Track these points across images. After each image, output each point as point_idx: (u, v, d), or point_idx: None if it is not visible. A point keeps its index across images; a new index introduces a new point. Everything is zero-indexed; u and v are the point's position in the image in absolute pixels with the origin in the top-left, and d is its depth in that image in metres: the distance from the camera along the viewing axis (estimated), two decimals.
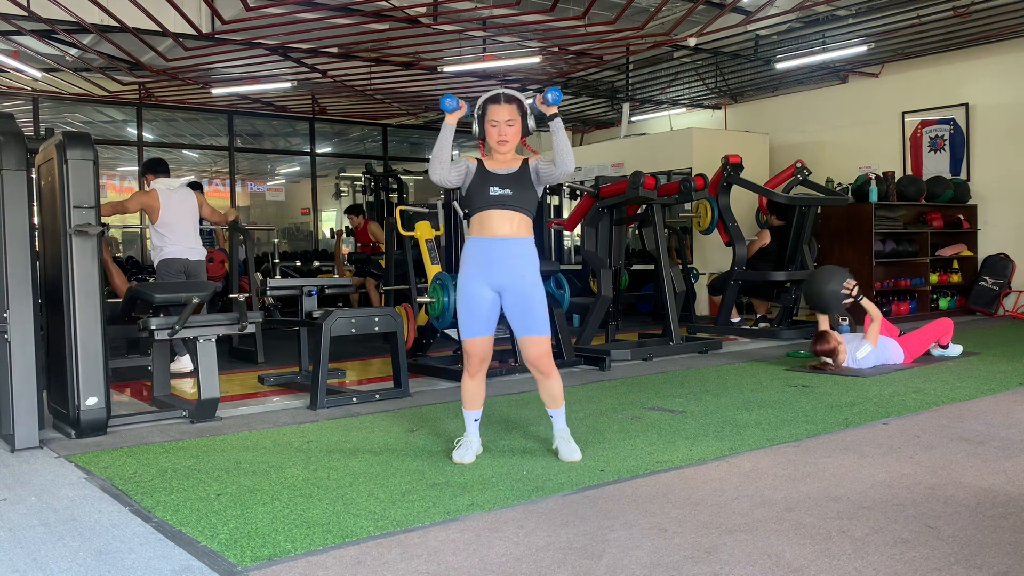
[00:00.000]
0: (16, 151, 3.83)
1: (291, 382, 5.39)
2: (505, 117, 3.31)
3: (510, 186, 3.31)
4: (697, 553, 2.30)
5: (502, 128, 3.32)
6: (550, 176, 3.33)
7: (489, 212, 3.31)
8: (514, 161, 3.39)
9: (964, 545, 2.32)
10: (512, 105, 3.32)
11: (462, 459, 3.32)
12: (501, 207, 3.30)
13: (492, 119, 3.32)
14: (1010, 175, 9.20)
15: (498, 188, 3.30)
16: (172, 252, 6.03)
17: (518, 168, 3.36)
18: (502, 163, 3.38)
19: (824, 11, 8.27)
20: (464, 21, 7.96)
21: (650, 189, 6.23)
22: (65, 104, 11.10)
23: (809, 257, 7.57)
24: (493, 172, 3.34)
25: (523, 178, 3.34)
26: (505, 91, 3.36)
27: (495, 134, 3.33)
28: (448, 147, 3.31)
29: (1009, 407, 4.24)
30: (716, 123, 12.03)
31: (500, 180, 3.32)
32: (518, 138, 3.37)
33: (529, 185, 3.35)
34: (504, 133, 3.32)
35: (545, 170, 3.34)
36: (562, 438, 3.40)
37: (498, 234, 3.30)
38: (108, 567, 2.30)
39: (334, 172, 13.68)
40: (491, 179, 3.32)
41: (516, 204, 3.31)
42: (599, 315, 6.43)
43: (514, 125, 3.32)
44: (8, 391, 3.77)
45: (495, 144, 3.35)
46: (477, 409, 3.42)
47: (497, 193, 3.30)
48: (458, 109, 3.32)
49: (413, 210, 6.58)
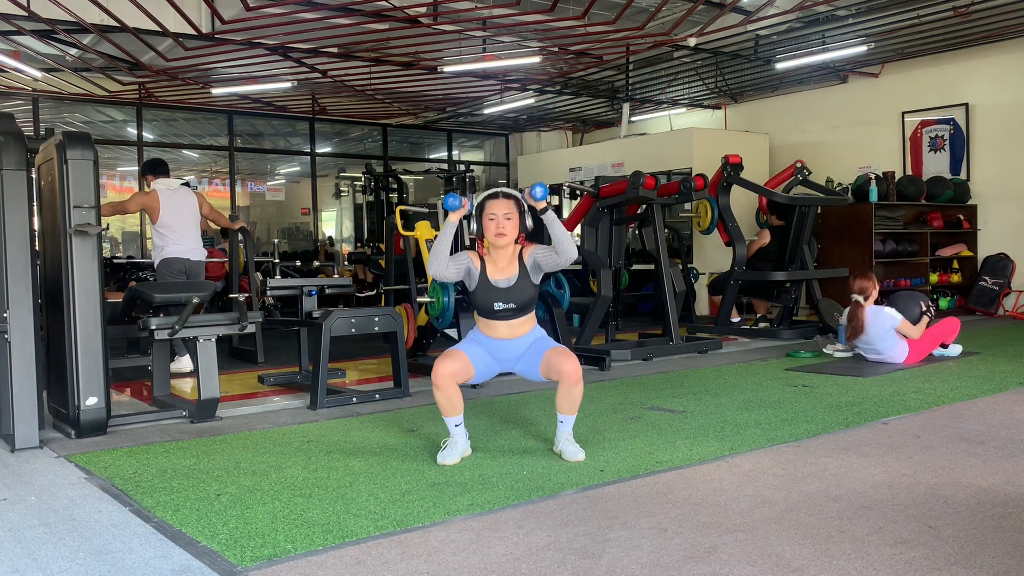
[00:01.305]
0: (16, 151, 3.83)
1: (291, 382, 5.39)
2: (503, 211, 3.36)
3: (513, 299, 3.39)
4: (697, 553, 2.30)
5: (500, 221, 3.35)
6: (554, 265, 3.38)
7: (496, 323, 3.44)
8: (512, 266, 3.43)
9: (964, 545, 2.32)
10: (510, 201, 3.39)
11: (445, 460, 3.32)
12: (506, 319, 3.42)
13: (490, 213, 3.37)
14: (1010, 175, 9.20)
15: (502, 303, 3.39)
16: (172, 252, 6.03)
17: (518, 276, 3.41)
18: (502, 271, 3.43)
19: (824, 11, 8.27)
20: (464, 21, 7.96)
21: (650, 189, 6.23)
22: (65, 104, 11.10)
23: (809, 257, 7.57)
24: (495, 285, 3.40)
25: (524, 284, 3.41)
26: (503, 189, 3.44)
27: (492, 227, 3.37)
28: (448, 244, 3.37)
29: (1009, 407, 4.24)
30: (716, 123, 12.03)
31: (504, 294, 3.39)
32: (516, 232, 3.40)
33: (529, 287, 3.42)
34: (502, 226, 3.35)
35: (546, 260, 3.39)
36: (566, 439, 3.40)
37: (504, 337, 3.45)
38: (108, 567, 2.31)
39: (334, 172, 13.68)
40: (495, 294, 3.40)
41: (519, 314, 3.43)
42: (599, 315, 6.43)
43: (512, 219, 3.37)
44: (8, 391, 3.77)
45: (492, 238, 3.38)
46: (456, 415, 3.40)
47: (501, 308, 3.39)
48: (460, 208, 3.38)
49: (413, 210, 6.59)
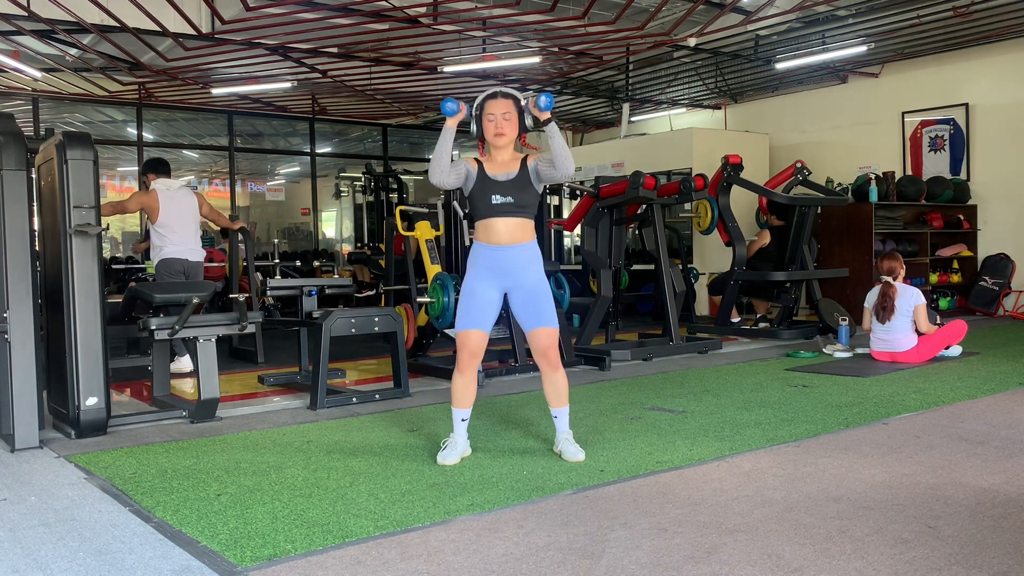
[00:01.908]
0: (16, 151, 3.83)
1: (291, 382, 5.39)
2: (501, 110, 3.33)
3: (511, 192, 3.32)
4: (697, 553, 2.30)
5: (499, 121, 3.33)
6: (550, 177, 3.34)
7: (493, 220, 3.34)
8: (513, 163, 3.39)
9: (964, 545, 2.32)
10: (508, 100, 3.35)
11: (445, 460, 3.30)
12: (504, 215, 3.33)
13: (489, 113, 3.35)
14: (1010, 175, 9.20)
15: (500, 196, 3.32)
16: (171, 252, 6.03)
17: (518, 172, 3.36)
18: (501, 166, 3.38)
19: (824, 11, 8.27)
20: (464, 21, 7.96)
21: (650, 189, 6.23)
22: (65, 104, 11.10)
23: (809, 257, 7.57)
24: (494, 179, 3.35)
25: (523, 181, 3.36)
26: (502, 88, 3.39)
27: (492, 128, 3.34)
28: (448, 151, 3.31)
29: (1009, 407, 4.24)
30: (716, 123, 12.03)
31: (501, 187, 3.33)
32: (515, 132, 3.37)
33: (529, 187, 3.37)
34: (501, 127, 3.33)
35: (545, 171, 3.34)
36: (566, 440, 3.40)
37: (503, 241, 3.34)
38: (108, 567, 2.31)
39: (334, 172, 13.68)
40: (492, 186, 3.34)
41: (518, 210, 3.34)
42: (599, 315, 6.43)
43: (510, 119, 3.33)
44: (8, 391, 3.77)
45: (492, 138, 3.36)
46: (466, 408, 3.39)
47: (499, 201, 3.32)
48: (458, 112, 3.33)
49: (413, 210, 6.59)
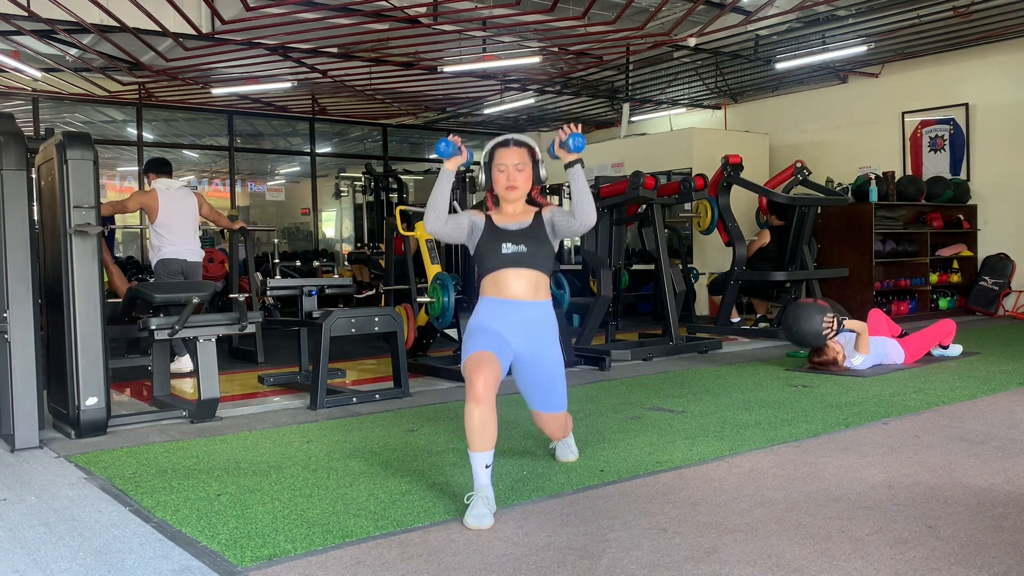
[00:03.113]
0: (16, 151, 3.83)
1: (291, 382, 5.39)
2: (514, 161, 3.00)
3: (524, 242, 2.98)
4: (697, 553, 2.30)
5: (511, 173, 3.00)
6: (568, 228, 2.99)
7: (503, 272, 2.98)
8: (525, 214, 3.06)
9: (964, 545, 2.32)
10: (522, 149, 3.02)
11: (480, 523, 2.55)
12: (515, 266, 2.97)
13: (500, 163, 3.01)
14: (1010, 175, 9.20)
15: (511, 245, 2.97)
16: (170, 252, 6.03)
17: (531, 222, 3.03)
18: (513, 217, 3.05)
19: (824, 11, 8.27)
20: (464, 21, 7.96)
21: (650, 189, 6.23)
22: (65, 104, 11.10)
23: (809, 257, 7.56)
24: (504, 228, 3.01)
25: (538, 232, 3.01)
26: (514, 136, 3.06)
27: (503, 179, 3.01)
28: (446, 196, 2.97)
29: (1009, 407, 4.24)
30: (716, 123, 12.03)
31: (513, 236, 2.99)
32: (528, 185, 3.04)
33: (544, 240, 3.01)
34: (513, 178, 3.00)
35: (562, 223, 3.00)
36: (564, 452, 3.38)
37: (514, 295, 2.97)
38: (108, 567, 2.31)
39: (334, 172, 13.68)
40: (502, 235, 2.99)
41: (532, 262, 2.98)
42: (599, 315, 6.43)
43: (524, 170, 3.01)
44: (8, 391, 3.77)
45: (503, 192, 3.03)
46: (488, 450, 2.69)
47: (511, 251, 2.97)
48: (457, 155, 2.99)
49: (413, 210, 6.59)
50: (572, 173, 2.96)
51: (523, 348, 2.98)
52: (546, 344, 3.03)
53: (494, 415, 2.71)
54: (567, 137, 2.95)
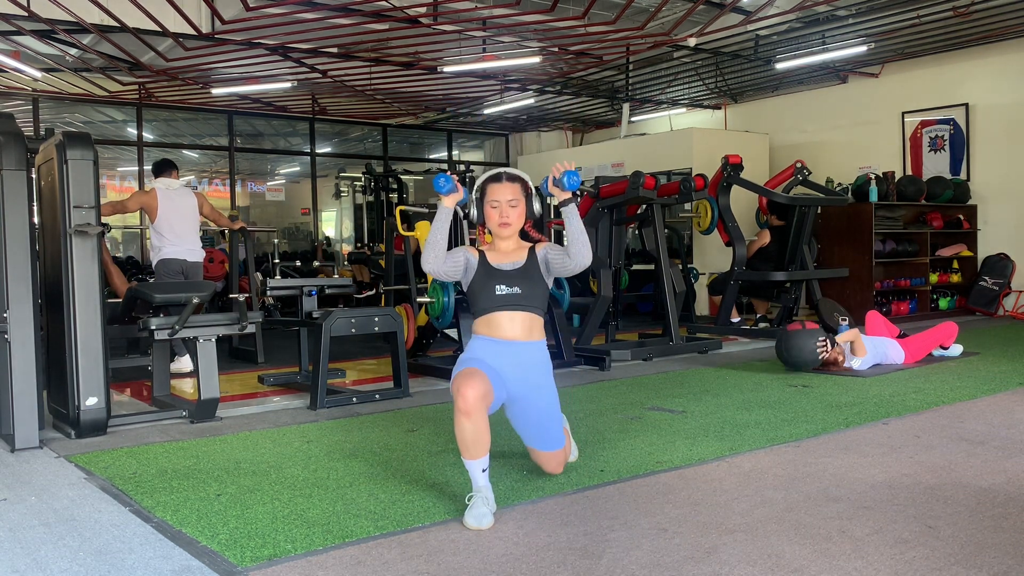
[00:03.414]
0: (16, 151, 3.83)
1: (291, 382, 5.39)
2: (507, 197, 2.97)
3: (518, 283, 2.95)
4: (697, 553, 2.30)
5: (503, 209, 2.97)
6: (563, 268, 2.96)
7: (497, 314, 2.95)
8: (519, 252, 3.04)
9: (964, 545, 2.32)
10: (515, 184, 3.00)
11: (479, 523, 2.57)
12: (509, 308, 2.95)
13: (492, 199, 2.98)
14: (1010, 175, 9.20)
15: (505, 287, 2.95)
16: (170, 252, 6.03)
17: (525, 261, 3.01)
18: (506, 255, 3.03)
19: (824, 11, 8.27)
20: (464, 21, 7.96)
21: (650, 189, 6.23)
22: (65, 104, 11.10)
23: (809, 257, 7.57)
24: (498, 268, 2.99)
25: (531, 272, 2.99)
26: (507, 170, 3.04)
27: (496, 216, 2.98)
28: (444, 235, 2.94)
29: (1009, 407, 4.24)
30: (716, 123, 12.03)
31: (507, 277, 2.96)
32: (522, 221, 3.03)
33: (539, 279, 3.00)
34: (506, 214, 2.97)
35: (556, 261, 2.97)
36: None
37: (508, 337, 2.94)
38: (108, 567, 2.31)
39: (334, 172, 13.67)
40: (496, 276, 2.97)
41: (526, 304, 2.96)
42: (599, 315, 6.43)
43: (517, 206, 2.98)
44: (8, 391, 3.77)
45: (496, 228, 3.00)
46: (483, 456, 2.70)
47: (504, 292, 2.94)
48: (454, 191, 2.94)
49: (413, 210, 6.59)
50: (567, 212, 2.91)
51: (517, 388, 2.93)
52: (541, 384, 2.98)
53: (486, 424, 2.70)
54: (561, 175, 2.89)
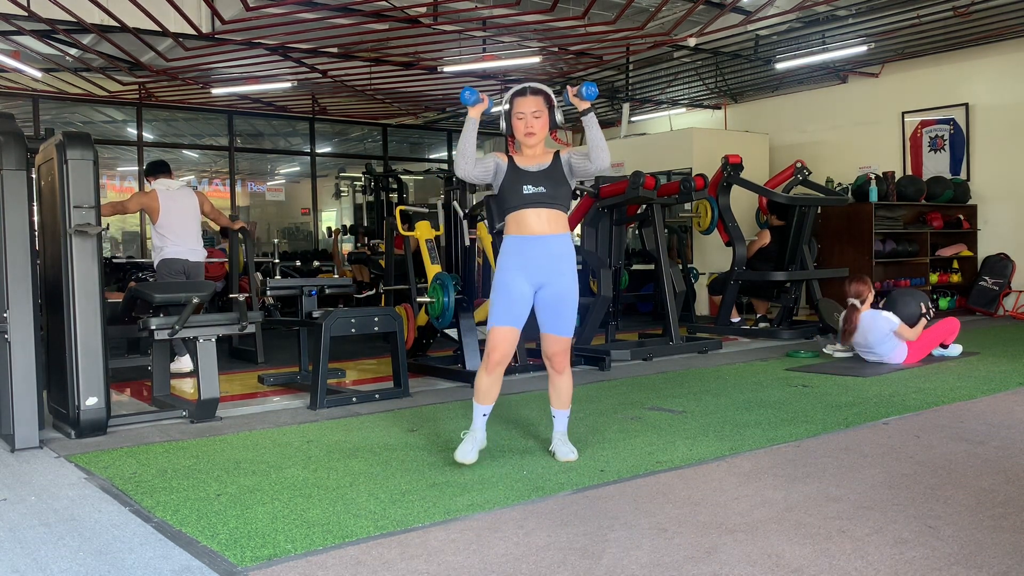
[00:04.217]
0: (16, 151, 3.83)
1: (291, 382, 5.39)
2: (531, 109, 3.27)
3: (543, 183, 3.27)
4: (697, 553, 2.30)
5: (528, 120, 3.28)
6: (584, 170, 3.30)
7: (524, 211, 3.27)
8: (545, 156, 3.35)
9: (964, 545, 2.32)
10: (539, 97, 3.29)
11: (464, 458, 3.26)
12: (536, 205, 3.27)
13: (519, 111, 3.29)
14: (1010, 175, 9.20)
15: (531, 186, 3.27)
16: (172, 252, 6.03)
17: (550, 163, 3.32)
18: (532, 159, 3.34)
19: (824, 11, 8.27)
20: (464, 21, 7.96)
21: (650, 189, 6.23)
22: (65, 104, 11.09)
23: (809, 257, 7.57)
24: (525, 170, 3.30)
25: (556, 173, 3.31)
26: (532, 84, 3.32)
27: (522, 127, 3.29)
28: (472, 142, 3.28)
29: (1009, 407, 4.24)
30: (716, 123, 12.03)
31: (533, 177, 3.28)
32: (545, 130, 3.33)
33: (562, 180, 3.32)
34: (531, 125, 3.28)
35: (579, 164, 3.30)
36: (560, 440, 3.42)
37: (535, 231, 3.27)
38: (108, 567, 2.31)
39: (334, 172, 13.68)
40: (524, 177, 3.28)
41: (551, 201, 3.28)
42: (599, 315, 6.43)
43: (541, 117, 3.29)
44: (8, 391, 3.77)
45: (522, 137, 3.31)
46: (489, 404, 3.35)
47: (531, 191, 3.26)
48: (480, 103, 3.28)
49: (413, 210, 6.59)
50: (587, 121, 3.24)
51: (543, 278, 3.28)
52: (564, 272, 3.30)
53: (500, 381, 3.31)
54: (581, 86, 3.24)
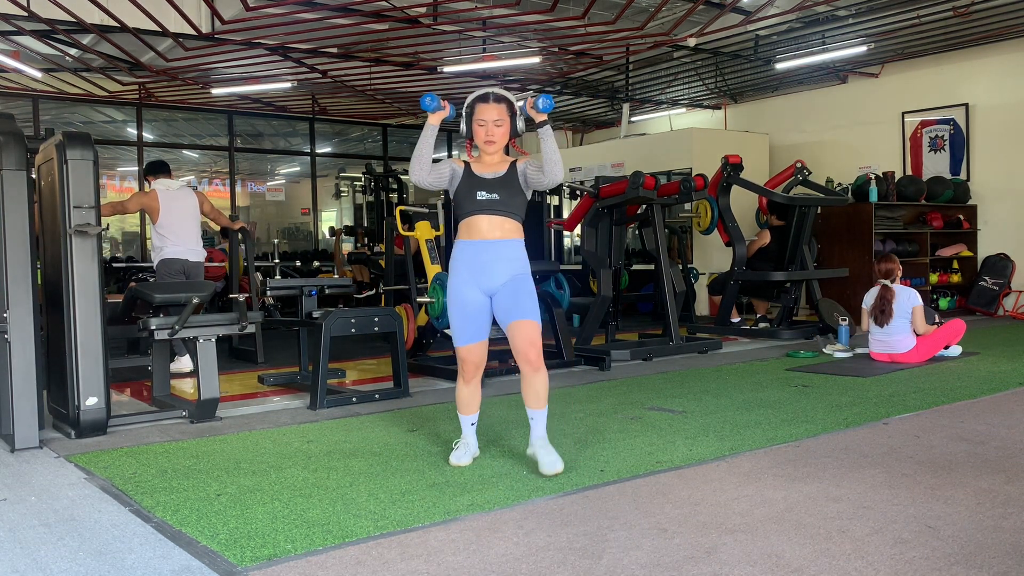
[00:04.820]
0: (16, 151, 3.83)
1: (291, 382, 5.39)
2: (493, 117, 3.21)
3: (498, 190, 3.21)
4: (697, 553, 2.30)
5: (489, 128, 3.21)
6: (537, 182, 3.22)
7: (477, 217, 3.21)
8: (502, 164, 3.28)
9: (964, 545, 2.32)
10: (501, 105, 3.22)
11: (459, 461, 3.29)
12: (489, 212, 3.20)
13: (480, 118, 3.22)
14: (1010, 175, 9.20)
15: (485, 193, 3.20)
16: (171, 253, 6.03)
17: (506, 171, 3.25)
18: (489, 166, 3.28)
19: (824, 11, 8.27)
20: (464, 21, 7.96)
21: (650, 189, 6.23)
22: (65, 104, 11.10)
23: (809, 257, 7.57)
24: (480, 176, 3.24)
25: (511, 181, 3.24)
26: (494, 90, 3.26)
27: (482, 134, 3.23)
28: (429, 148, 3.21)
29: (1009, 407, 4.24)
30: (716, 123, 12.03)
31: (487, 184, 3.22)
32: (506, 139, 3.28)
33: (517, 189, 3.25)
34: (492, 133, 3.22)
35: (533, 176, 3.22)
36: (541, 446, 3.16)
37: (486, 237, 3.21)
38: (108, 567, 2.31)
39: (334, 172, 13.68)
40: (478, 183, 3.22)
41: (504, 209, 3.21)
42: (599, 315, 6.43)
43: (502, 125, 3.23)
44: (8, 391, 3.77)
45: (482, 144, 3.26)
46: (473, 413, 3.37)
47: (484, 197, 3.20)
48: (440, 109, 3.22)
49: (413, 210, 6.59)
50: (543, 133, 3.17)
51: (495, 283, 3.22)
52: (517, 272, 3.23)
53: (479, 389, 3.36)
54: (537, 97, 3.16)
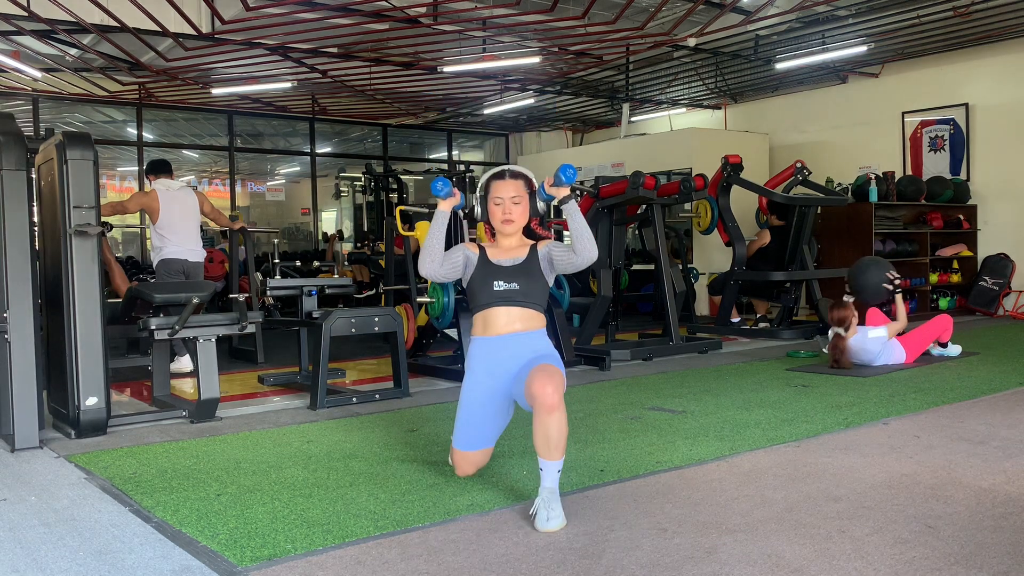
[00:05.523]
0: (16, 151, 3.83)
1: (291, 382, 5.39)
2: (510, 194, 2.96)
3: (516, 279, 2.93)
4: (697, 553, 2.30)
5: (507, 206, 2.96)
6: (568, 265, 2.93)
7: (494, 310, 2.92)
8: (520, 249, 3.02)
9: (964, 545, 2.32)
10: (518, 180, 2.99)
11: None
12: (507, 303, 2.91)
13: (496, 196, 2.98)
14: (1010, 175, 9.20)
15: (503, 282, 2.92)
16: (171, 253, 6.04)
17: (525, 257, 2.98)
18: (507, 251, 3.01)
19: (824, 11, 8.27)
20: (464, 21, 7.96)
21: (650, 189, 6.23)
22: (65, 104, 11.10)
23: (809, 257, 7.57)
24: (497, 264, 2.97)
25: (531, 268, 2.96)
26: (511, 167, 3.05)
27: (499, 213, 2.97)
28: (440, 239, 2.95)
29: (1009, 407, 4.24)
30: (716, 123, 12.03)
31: (505, 273, 2.94)
32: (525, 218, 3.01)
33: (538, 276, 2.97)
34: (509, 211, 2.96)
35: (562, 258, 2.93)
36: (548, 499, 2.55)
37: (503, 331, 2.91)
38: (108, 567, 2.30)
39: (334, 172, 13.68)
40: (494, 271, 2.95)
41: (523, 299, 2.92)
42: (599, 315, 6.43)
43: (520, 203, 2.97)
44: (8, 391, 3.77)
45: (499, 225, 2.99)
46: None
47: (502, 288, 2.92)
48: (451, 196, 2.96)
49: (413, 210, 6.58)
50: (568, 210, 2.91)
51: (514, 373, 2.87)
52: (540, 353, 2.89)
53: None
54: (556, 171, 2.88)
